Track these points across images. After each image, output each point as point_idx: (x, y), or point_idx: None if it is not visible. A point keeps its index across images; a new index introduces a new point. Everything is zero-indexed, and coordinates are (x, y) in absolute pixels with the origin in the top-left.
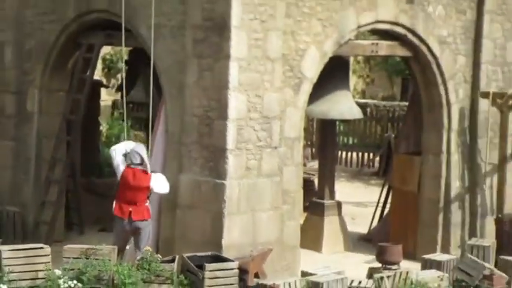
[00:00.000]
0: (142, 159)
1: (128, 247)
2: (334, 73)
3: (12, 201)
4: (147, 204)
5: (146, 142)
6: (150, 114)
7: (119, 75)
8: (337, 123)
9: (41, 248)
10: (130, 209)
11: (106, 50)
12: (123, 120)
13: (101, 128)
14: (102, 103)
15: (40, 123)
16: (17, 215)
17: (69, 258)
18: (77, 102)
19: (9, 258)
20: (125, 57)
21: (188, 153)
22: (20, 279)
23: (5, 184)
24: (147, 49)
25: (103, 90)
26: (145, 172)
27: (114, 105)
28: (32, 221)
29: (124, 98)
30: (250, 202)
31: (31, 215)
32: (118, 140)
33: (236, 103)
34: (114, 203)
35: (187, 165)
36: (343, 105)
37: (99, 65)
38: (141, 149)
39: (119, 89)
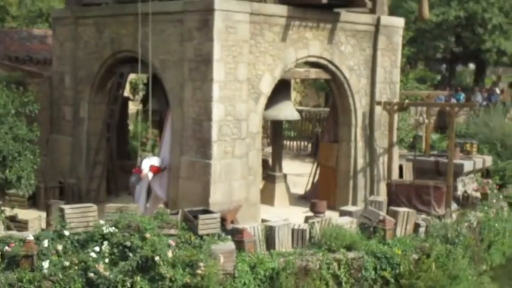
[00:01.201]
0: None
1: (147, 204)
2: (280, 90)
3: (71, 176)
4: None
5: (159, 135)
6: (149, 115)
7: (141, 93)
8: (283, 122)
9: (91, 206)
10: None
11: (132, 76)
12: (143, 122)
13: (129, 127)
14: (129, 111)
15: (89, 125)
16: (75, 185)
17: (109, 213)
18: (113, 111)
19: (69, 214)
20: (145, 80)
21: (186, 143)
22: (77, 227)
23: (66, 165)
24: (158, 75)
25: (130, 103)
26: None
27: (138, 112)
28: (84, 189)
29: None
30: (227, 175)
31: (84, 185)
32: (141, 135)
33: (218, 110)
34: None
35: (186, 151)
36: (287, 110)
37: (128, 86)
38: (152, 159)
39: (141, 101)
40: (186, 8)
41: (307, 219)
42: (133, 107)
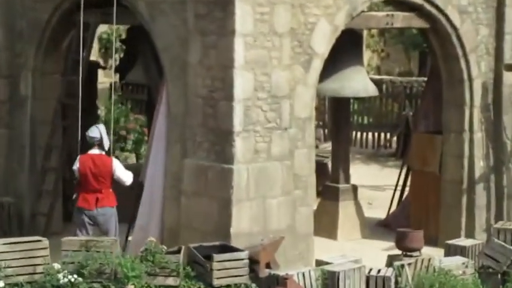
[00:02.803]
0: (101, 135)
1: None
2: (346, 48)
3: (7, 192)
4: (111, 190)
5: (148, 126)
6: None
7: (116, 55)
8: (351, 101)
9: (39, 240)
10: (97, 196)
11: (102, 28)
12: (122, 104)
13: (99, 112)
14: (99, 85)
15: (34, 108)
16: (12, 206)
17: (68, 251)
18: (73, 85)
19: (5, 252)
20: (123, 35)
21: (193, 136)
22: (17, 275)
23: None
24: (145, 26)
25: (100, 72)
26: (105, 156)
27: (112, 87)
28: (28, 212)
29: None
30: (259, 188)
31: (27, 206)
32: (117, 124)
33: (242, 82)
34: (75, 196)
35: (191, 150)
36: (356, 82)
37: (96, 45)
38: (101, 126)
39: (117, 70)
40: None
41: (391, 260)
42: (105, 80)
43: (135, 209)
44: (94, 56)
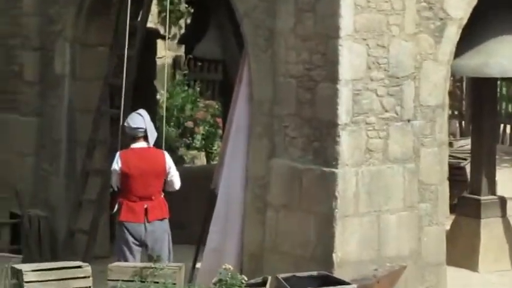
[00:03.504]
0: (145, 124)
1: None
2: (492, 11)
3: (36, 202)
4: (162, 196)
5: (223, 115)
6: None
7: (182, 21)
8: (499, 83)
9: (78, 267)
10: (145, 206)
11: None
12: (188, 85)
13: (158, 96)
14: (158, 61)
15: (73, 91)
16: (43, 221)
17: (117, 280)
18: (124, 61)
19: (33, 281)
20: None
21: (283, 129)
22: None
23: (26, 178)
24: None
25: (160, 43)
26: (155, 149)
27: (176, 63)
28: (64, 228)
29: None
30: (372, 199)
31: (62, 221)
32: (181, 113)
33: (350, 57)
34: (116, 207)
35: (281, 147)
36: (506, 57)
37: (154, 7)
38: (144, 112)
39: (182, 40)
40: None
41: None
42: (166, 54)
43: (205, 226)
44: (152, 22)
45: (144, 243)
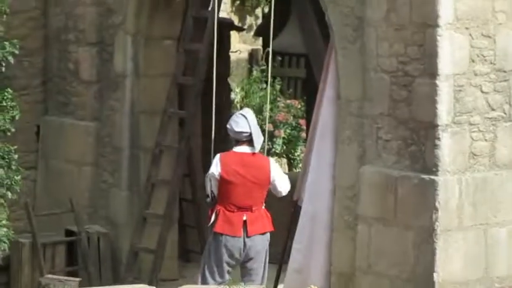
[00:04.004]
0: (250, 127)
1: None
2: None
3: (96, 217)
4: (264, 207)
5: (307, 116)
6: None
7: (258, 11)
8: None
9: None
10: (244, 217)
11: None
12: (266, 83)
13: (233, 95)
14: (233, 56)
15: (136, 91)
16: (103, 238)
17: None
18: (195, 56)
19: None
20: None
21: (375, 132)
22: None
23: (84, 190)
24: None
25: (234, 35)
26: (260, 155)
27: (253, 58)
28: (127, 247)
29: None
30: (479, 211)
31: (125, 239)
32: (260, 114)
33: (451, 49)
34: (213, 216)
35: (373, 152)
36: None
37: None
38: (249, 113)
39: (261, 31)
40: None
41: None
42: (242, 46)
43: (287, 243)
44: (225, 11)
45: (240, 260)
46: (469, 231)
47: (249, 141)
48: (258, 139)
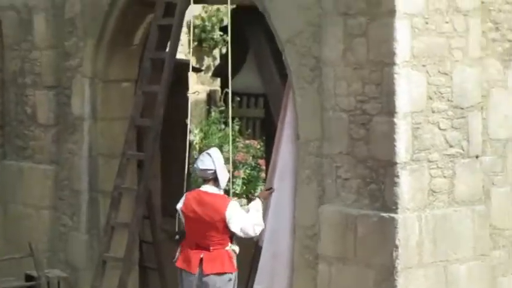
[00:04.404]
0: (214, 165)
1: None
2: None
3: (55, 261)
4: (228, 248)
5: (266, 156)
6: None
7: (216, 51)
8: None
9: None
10: (201, 255)
11: (194, 11)
12: (225, 124)
13: (192, 137)
14: (191, 97)
15: (94, 134)
16: (64, 283)
17: None
18: (152, 99)
19: None
20: (225, 21)
21: (334, 171)
22: None
23: (43, 234)
24: (258, 6)
25: (192, 77)
26: (221, 196)
27: (211, 99)
28: None
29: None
30: (439, 248)
31: (86, 282)
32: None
33: (409, 87)
34: (178, 252)
35: (333, 192)
36: None
37: (184, 36)
38: (215, 151)
39: (218, 72)
40: None
41: None
42: (200, 87)
43: (249, 283)
44: (183, 53)
45: None
46: (430, 268)
47: (215, 180)
48: (224, 177)
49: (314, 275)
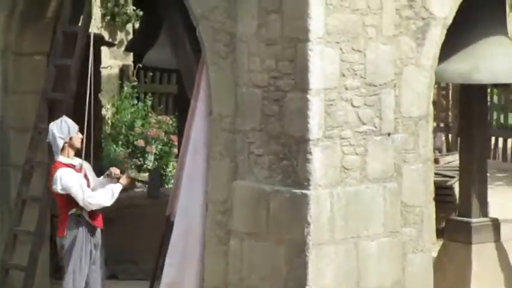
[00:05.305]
0: (49, 137)
1: None
2: (480, 10)
3: None
4: (70, 212)
5: (178, 132)
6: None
7: (129, 26)
8: (489, 91)
9: None
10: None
11: None
12: (138, 99)
13: (104, 112)
14: (104, 71)
15: (5, 107)
16: None
17: None
18: (64, 72)
19: None
20: None
21: (247, 147)
22: None
23: None
24: None
25: (105, 51)
26: (56, 163)
27: (124, 74)
28: None
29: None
30: (349, 224)
31: None
32: (131, 130)
33: (322, 64)
34: None
35: (245, 167)
36: (498, 61)
37: (97, 10)
38: (51, 125)
39: (131, 47)
40: None
41: None
42: (112, 62)
43: (159, 259)
44: (95, 27)
45: None
46: (341, 244)
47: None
48: (54, 146)
49: (226, 251)
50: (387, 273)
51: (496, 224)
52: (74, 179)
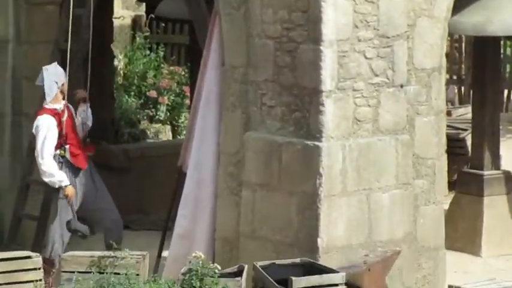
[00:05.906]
0: (43, 80)
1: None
2: None
3: None
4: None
5: (190, 83)
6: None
7: None
8: (502, 43)
9: (27, 257)
10: None
11: None
12: (150, 49)
13: (116, 62)
14: (116, 22)
15: (18, 57)
16: None
17: (72, 272)
18: (77, 22)
19: None
20: None
21: (259, 98)
22: None
23: None
24: None
25: (117, 1)
26: (42, 109)
27: (136, 24)
28: (11, 214)
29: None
30: (362, 176)
31: (8, 206)
32: (143, 81)
33: (335, 15)
34: None
35: (257, 119)
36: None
37: None
38: (50, 67)
39: None
40: None
41: None
42: (125, 12)
43: (172, 210)
44: None
45: None
46: (352, 196)
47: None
48: (48, 91)
49: (237, 202)
50: (399, 225)
51: (508, 177)
52: (45, 134)
